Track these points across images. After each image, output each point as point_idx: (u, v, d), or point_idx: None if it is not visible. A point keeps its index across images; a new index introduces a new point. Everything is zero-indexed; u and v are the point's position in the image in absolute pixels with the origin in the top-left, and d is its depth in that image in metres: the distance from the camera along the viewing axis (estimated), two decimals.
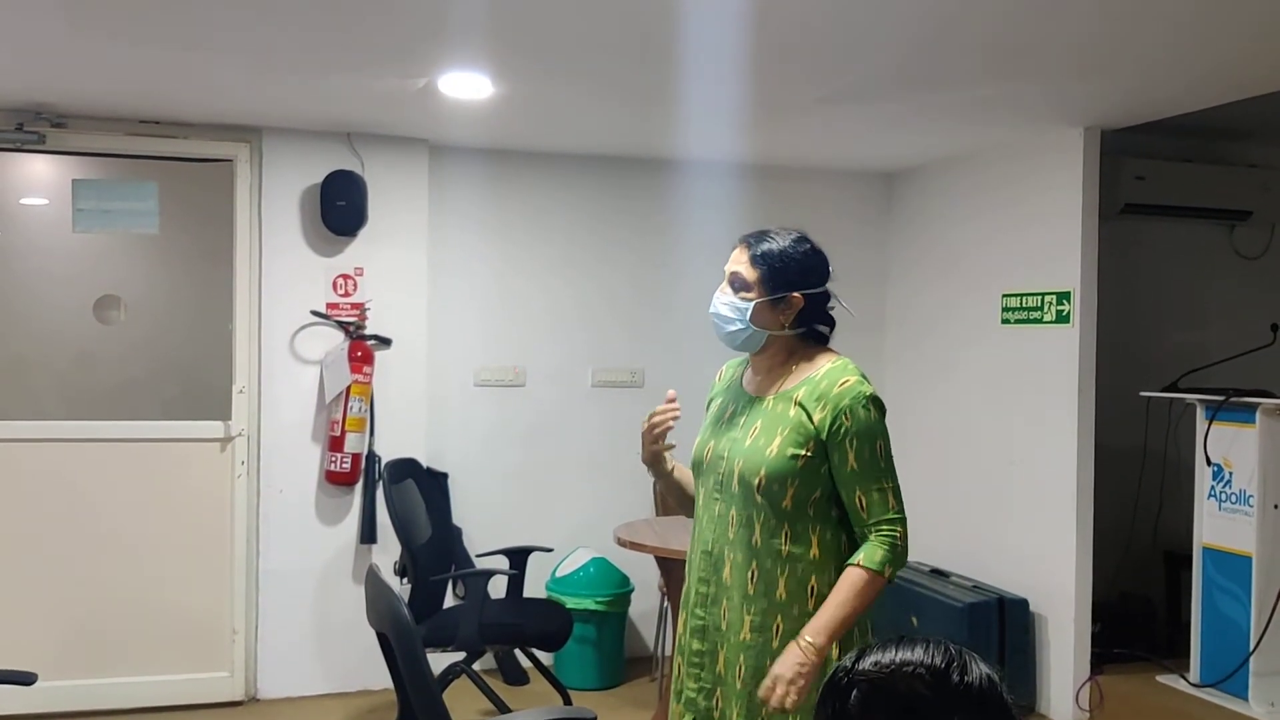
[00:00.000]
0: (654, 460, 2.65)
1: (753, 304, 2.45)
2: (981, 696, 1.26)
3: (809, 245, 2.50)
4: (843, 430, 2.37)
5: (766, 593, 2.40)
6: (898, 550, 2.36)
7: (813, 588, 2.39)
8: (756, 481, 2.39)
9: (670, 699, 2.63)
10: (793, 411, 2.42)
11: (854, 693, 1.28)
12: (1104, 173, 4.82)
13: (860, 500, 2.38)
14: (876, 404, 2.41)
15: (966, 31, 3.38)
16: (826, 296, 2.52)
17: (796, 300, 2.46)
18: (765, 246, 2.47)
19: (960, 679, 1.26)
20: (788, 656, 2.32)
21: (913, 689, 1.27)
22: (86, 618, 4.76)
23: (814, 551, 2.40)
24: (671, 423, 2.59)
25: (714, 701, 2.50)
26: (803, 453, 2.38)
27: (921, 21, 3.28)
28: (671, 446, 2.64)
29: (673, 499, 2.77)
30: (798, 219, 6.05)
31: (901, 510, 2.40)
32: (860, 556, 2.36)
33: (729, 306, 2.49)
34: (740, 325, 2.48)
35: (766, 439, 2.42)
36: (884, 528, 2.37)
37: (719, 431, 2.56)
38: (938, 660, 1.28)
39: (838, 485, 2.40)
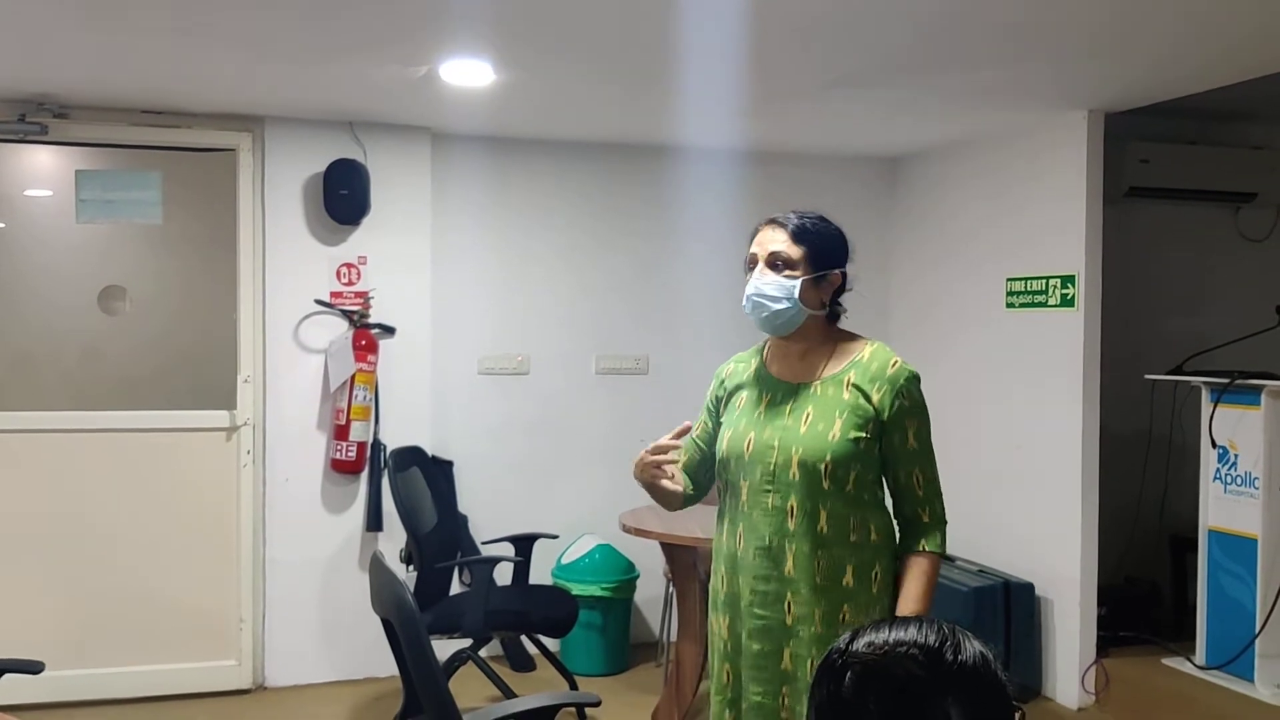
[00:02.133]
0: (649, 483, 2.59)
1: (799, 282, 2.43)
2: (975, 675, 1.27)
3: (835, 224, 2.53)
4: (902, 410, 2.42)
5: (835, 581, 2.38)
6: (944, 529, 2.44)
7: (876, 573, 2.41)
8: (823, 467, 2.36)
9: (712, 700, 2.56)
10: (847, 394, 2.41)
11: (848, 675, 1.28)
12: (1108, 156, 4.80)
13: (918, 478, 2.43)
14: (918, 382, 2.49)
15: (976, 14, 3.36)
16: (845, 279, 2.54)
17: (835, 278, 2.48)
18: (803, 223, 2.47)
19: (954, 658, 1.26)
20: None
21: (907, 670, 1.27)
22: (93, 607, 4.78)
23: (874, 536, 2.41)
24: (677, 457, 2.57)
25: (780, 700, 2.44)
26: (864, 435, 2.39)
27: (929, 4, 3.27)
28: (670, 475, 2.58)
29: (657, 500, 2.69)
30: (803, 204, 6.05)
31: (940, 489, 2.48)
32: (924, 543, 2.41)
33: (775, 286, 2.44)
34: (788, 304, 2.44)
35: (826, 424, 2.39)
36: (936, 506, 2.44)
37: (760, 422, 2.48)
38: (931, 639, 1.28)
39: (894, 465, 2.43)
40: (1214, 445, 4.54)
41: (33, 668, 3.15)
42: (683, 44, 3.69)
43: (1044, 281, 4.91)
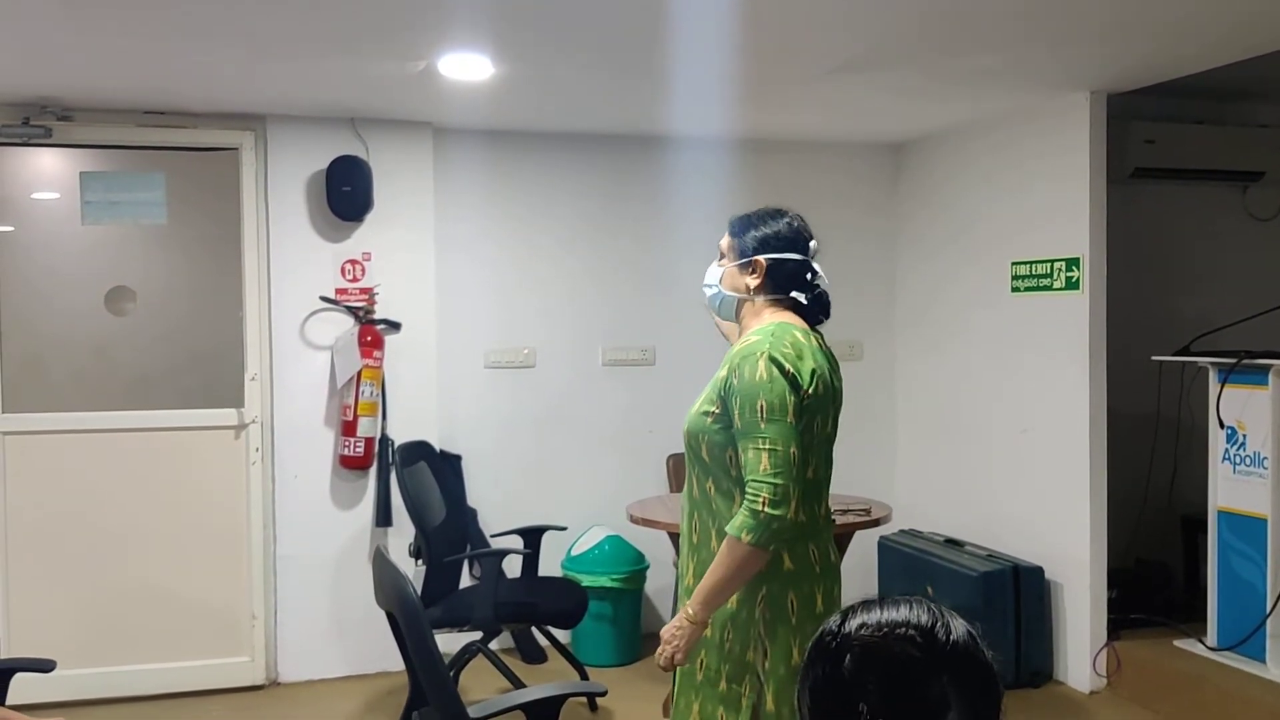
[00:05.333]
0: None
1: (724, 270, 2.62)
2: (966, 654, 1.27)
3: (783, 216, 2.59)
4: (731, 388, 2.41)
5: (703, 543, 2.52)
6: (759, 515, 2.30)
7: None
8: (687, 438, 2.54)
9: None
10: (722, 372, 2.49)
11: (846, 657, 1.28)
12: (1113, 137, 4.78)
13: (740, 457, 2.38)
14: (771, 362, 2.36)
15: None
16: (802, 266, 2.56)
17: (760, 264, 2.54)
18: (738, 217, 2.64)
19: (946, 638, 1.27)
20: (672, 621, 2.44)
21: (905, 650, 1.27)
22: (105, 605, 4.81)
23: (735, 507, 2.40)
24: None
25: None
26: (712, 409, 2.46)
27: None
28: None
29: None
30: (807, 191, 6.09)
31: (775, 474, 2.32)
32: (732, 522, 2.35)
33: (710, 273, 2.67)
34: (714, 289, 2.65)
35: (696, 398, 2.56)
36: (750, 490, 2.34)
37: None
38: (924, 620, 1.28)
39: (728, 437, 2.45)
40: (1222, 426, 4.51)
41: (44, 666, 3.17)
42: (682, 33, 3.68)
43: (1049, 265, 4.89)
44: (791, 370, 2.36)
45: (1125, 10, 3.54)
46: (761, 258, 2.53)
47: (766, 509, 2.30)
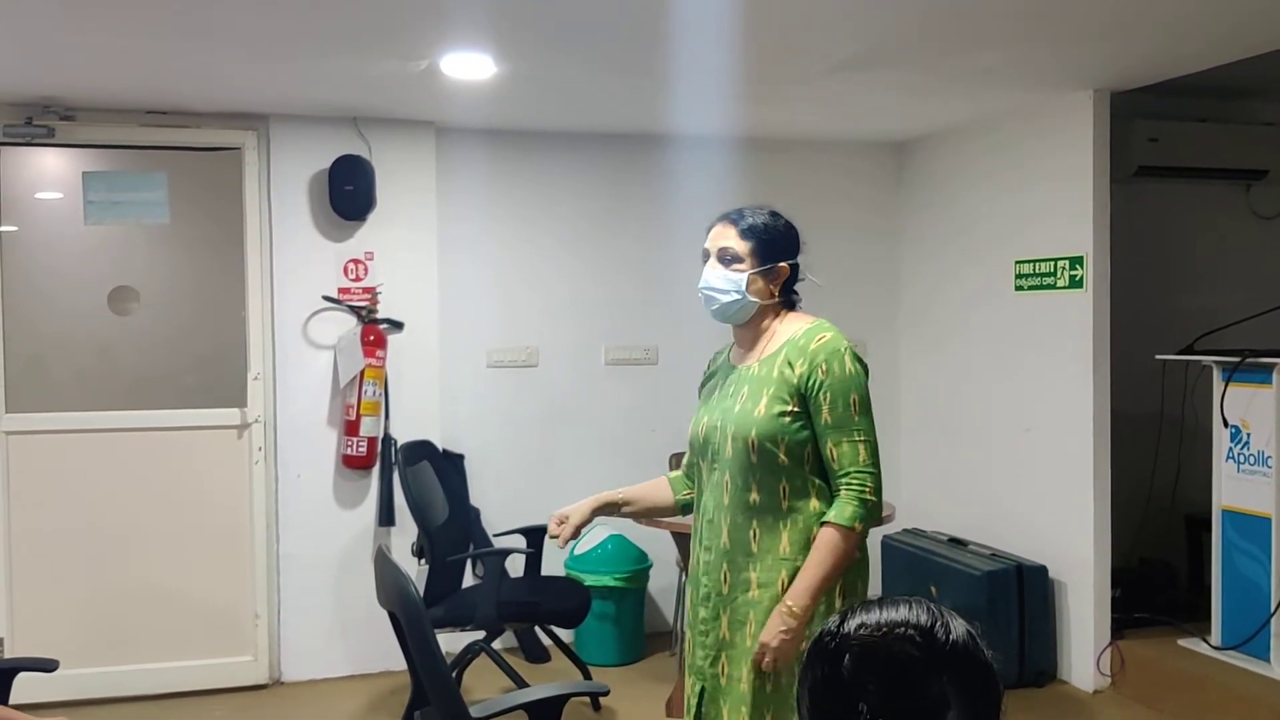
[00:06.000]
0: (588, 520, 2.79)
1: (746, 275, 2.58)
2: (966, 654, 1.27)
3: (784, 219, 2.66)
4: (819, 383, 2.46)
5: (775, 550, 2.47)
6: (868, 504, 2.44)
7: (813, 539, 2.47)
8: (748, 442, 2.48)
9: (685, 673, 2.68)
10: (776, 372, 2.51)
11: (846, 657, 1.28)
12: (1117, 136, 4.77)
13: (832, 452, 2.46)
14: (854, 358, 2.51)
15: None
16: (796, 268, 2.66)
17: (784, 270, 2.61)
18: (751, 221, 2.61)
19: (946, 637, 1.26)
20: (772, 623, 2.41)
21: (904, 650, 1.27)
22: (108, 605, 4.82)
23: (813, 504, 2.48)
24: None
25: (719, 667, 2.55)
26: (789, 408, 2.47)
27: None
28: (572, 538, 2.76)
29: (643, 519, 2.89)
30: (809, 190, 6.08)
31: (873, 464, 2.48)
32: (831, 513, 2.45)
33: (723, 279, 2.59)
34: (736, 296, 2.58)
35: (754, 402, 2.51)
36: (853, 481, 2.45)
37: (710, 407, 2.66)
38: (924, 619, 1.28)
39: (816, 438, 2.48)
40: (1226, 424, 4.50)
41: (47, 666, 3.17)
42: (684, 31, 3.67)
43: (1052, 263, 4.88)
44: (865, 365, 2.53)
45: (1128, 8, 3.53)
46: (785, 264, 2.60)
47: (872, 497, 2.45)
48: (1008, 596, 4.78)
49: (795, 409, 2.47)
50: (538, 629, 5.06)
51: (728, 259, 2.59)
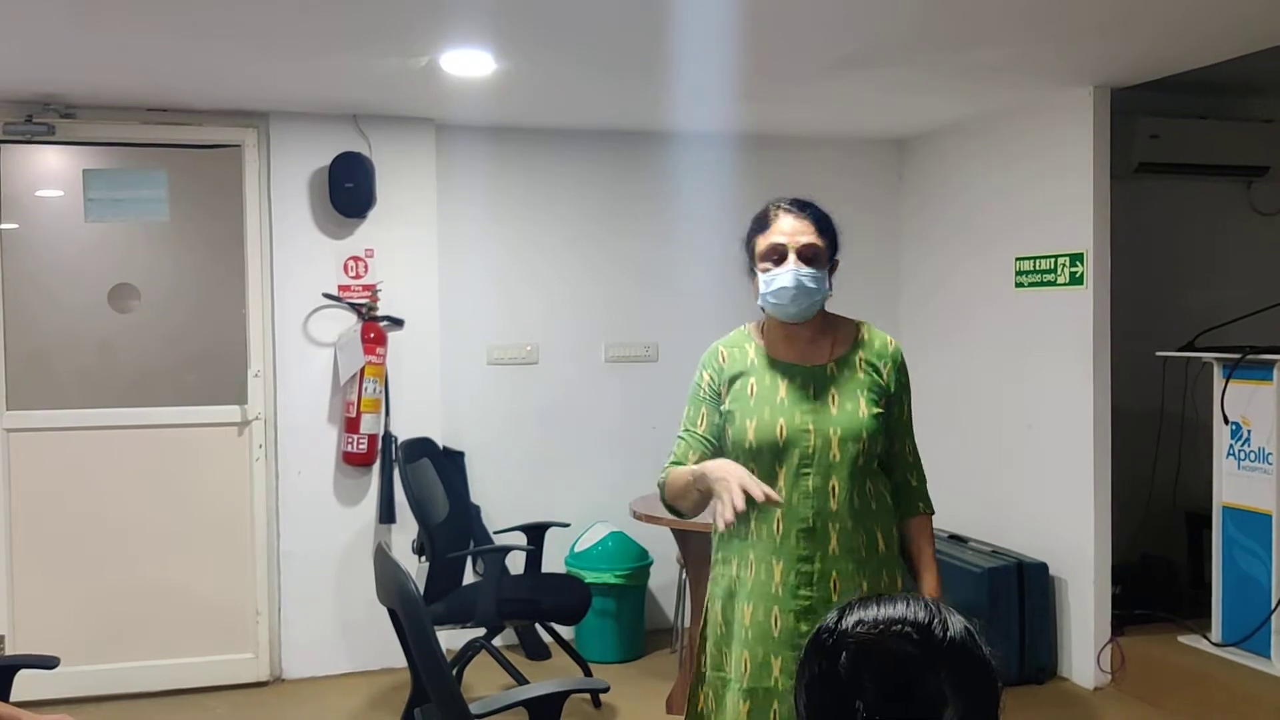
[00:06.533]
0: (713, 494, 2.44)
1: (825, 271, 2.54)
2: (964, 650, 1.26)
3: None
4: (901, 384, 2.58)
5: (877, 551, 2.49)
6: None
7: (893, 537, 2.54)
8: (861, 445, 2.46)
9: (733, 692, 2.49)
10: (861, 373, 2.52)
11: (843, 654, 1.28)
12: (1118, 132, 4.77)
13: (906, 446, 2.59)
14: None
15: None
16: None
17: (837, 264, 2.60)
18: (821, 215, 2.55)
19: (943, 634, 1.26)
20: None
21: (901, 647, 1.26)
22: (109, 602, 4.82)
23: (886, 503, 2.54)
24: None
25: None
26: (880, 410, 2.51)
27: None
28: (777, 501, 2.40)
29: (683, 509, 2.60)
30: (810, 187, 6.00)
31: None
32: (921, 503, 2.60)
33: (812, 278, 2.49)
34: (822, 293, 2.52)
35: (853, 404, 2.49)
36: (920, 471, 2.61)
37: (786, 407, 2.49)
38: (921, 616, 1.27)
39: (891, 436, 2.55)
40: (1226, 421, 4.50)
41: (48, 663, 3.17)
42: (685, 28, 3.67)
43: (1053, 260, 4.88)
44: None
45: (1128, 5, 3.52)
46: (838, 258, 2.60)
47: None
48: (1008, 593, 4.78)
49: (882, 410, 2.51)
50: (538, 626, 5.06)
51: (810, 255, 2.49)
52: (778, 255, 2.49)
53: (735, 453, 2.52)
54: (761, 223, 2.55)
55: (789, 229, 2.50)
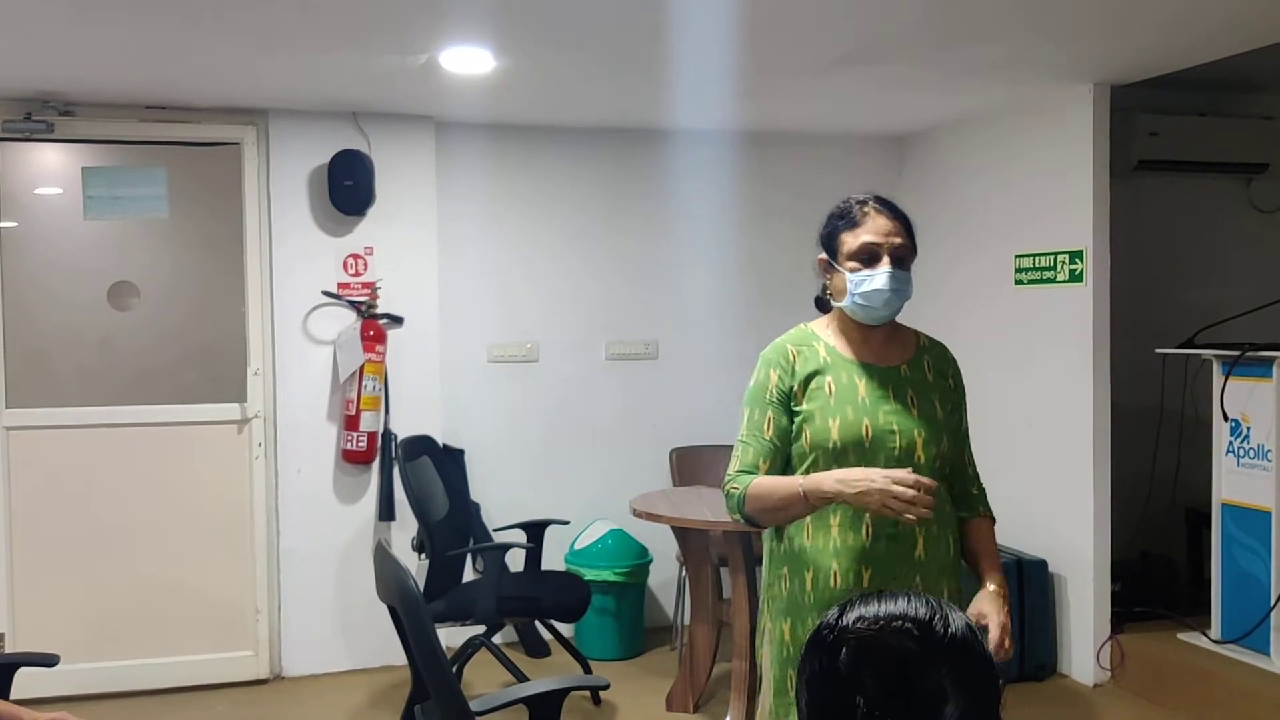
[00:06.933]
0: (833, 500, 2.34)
1: (910, 272, 2.47)
2: (965, 647, 1.26)
3: None
4: (962, 393, 2.55)
5: (953, 555, 2.47)
6: None
7: (958, 542, 2.50)
8: (942, 449, 2.44)
9: (771, 711, 2.45)
10: (932, 377, 2.49)
11: (843, 650, 1.28)
12: (1117, 130, 4.76)
13: (967, 455, 2.56)
14: None
15: None
16: None
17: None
18: (905, 214, 2.48)
19: (944, 631, 1.26)
20: (999, 607, 2.36)
21: (901, 644, 1.26)
22: (109, 600, 4.82)
23: (949, 509, 2.49)
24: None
25: None
26: (952, 415, 2.50)
27: None
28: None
29: (780, 517, 2.45)
30: (809, 185, 6.08)
31: None
32: (984, 509, 2.55)
33: (904, 281, 2.43)
34: (909, 297, 2.45)
35: (932, 408, 2.45)
36: (980, 481, 2.57)
37: (869, 408, 2.41)
38: (922, 613, 1.27)
39: (955, 442, 2.51)
40: (1226, 418, 4.50)
41: (48, 661, 3.17)
42: (684, 25, 3.67)
43: (1052, 257, 4.88)
44: None
45: (1128, 1, 3.52)
46: None
47: None
48: (1008, 590, 4.77)
49: (952, 415, 2.49)
50: (538, 623, 5.07)
51: (901, 256, 2.42)
52: (869, 255, 2.40)
53: (813, 454, 2.40)
54: (848, 219, 2.46)
55: (883, 229, 2.41)
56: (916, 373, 2.47)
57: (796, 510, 2.38)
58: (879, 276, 2.38)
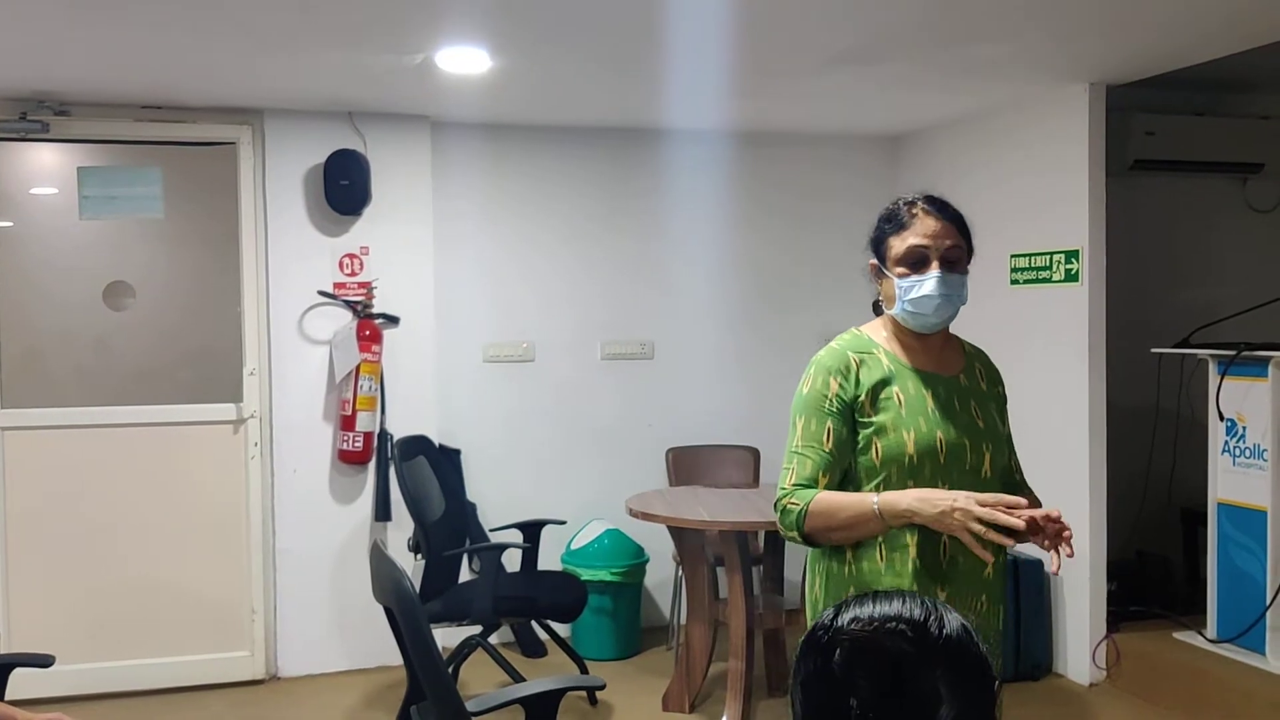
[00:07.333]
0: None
1: (966, 275, 2.36)
2: (960, 648, 1.26)
3: None
4: (1006, 400, 2.49)
5: (1001, 573, 2.40)
6: None
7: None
8: (1006, 459, 2.41)
9: None
10: (985, 386, 2.43)
11: (837, 651, 1.28)
12: (1113, 129, 4.77)
13: (1015, 461, 2.49)
14: None
15: None
16: None
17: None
18: (957, 212, 2.38)
19: (939, 632, 1.26)
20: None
21: (896, 645, 1.26)
22: (105, 600, 4.81)
23: None
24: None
25: None
26: (1005, 425, 2.45)
27: None
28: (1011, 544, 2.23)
29: (850, 535, 2.30)
30: (804, 185, 6.07)
31: None
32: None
33: (956, 285, 2.31)
34: (963, 302, 2.34)
35: (993, 419, 2.39)
36: (1029, 488, 2.48)
37: (940, 419, 2.30)
38: (917, 614, 1.27)
39: (1008, 452, 2.47)
40: (1222, 418, 4.50)
41: (43, 661, 3.16)
42: (679, 25, 3.67)
43: (1048, 257, 4.88)
44: None
45: (1125, 1, 3.52)
46: None
47: None
48: (1004, 589, 4.77)
49: (1004, 424, 2.43)
50: (534, 623, 5.07)
51: (953, 259, 2.31)
52: (917, 259, 2.31)
53: (885, 470, 2.26)
54: (896, 222, 2.38)
55: (931, 231, 2.32)
56: (972, 381, 2.39)
57: (867, 529, 2.23)
58: (928, 282, 2.27)
